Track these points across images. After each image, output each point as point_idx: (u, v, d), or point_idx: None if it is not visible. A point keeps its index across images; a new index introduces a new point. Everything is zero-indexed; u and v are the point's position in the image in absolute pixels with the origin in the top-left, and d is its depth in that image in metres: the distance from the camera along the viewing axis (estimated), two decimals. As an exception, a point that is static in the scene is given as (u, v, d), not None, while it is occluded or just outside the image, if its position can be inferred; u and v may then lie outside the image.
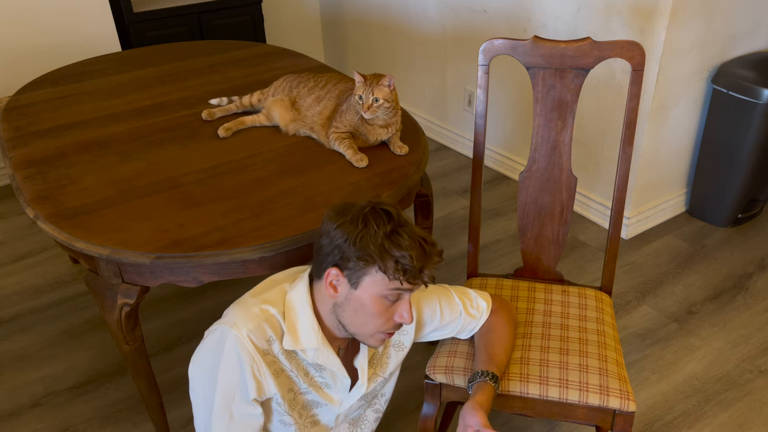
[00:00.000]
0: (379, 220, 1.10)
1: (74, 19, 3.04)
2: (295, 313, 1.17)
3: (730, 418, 1.85)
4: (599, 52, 1.45)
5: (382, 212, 1.12)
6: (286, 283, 1.22)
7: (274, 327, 1.16)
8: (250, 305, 1.17)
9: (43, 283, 2.46)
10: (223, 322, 1.15)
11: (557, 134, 1.53)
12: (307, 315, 1.17)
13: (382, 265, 1.09)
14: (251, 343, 1.12)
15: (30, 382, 2.03)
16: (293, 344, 1.16)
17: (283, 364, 1.18)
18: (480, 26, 2.95)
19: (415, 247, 1.09)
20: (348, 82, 1.84)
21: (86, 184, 1.61)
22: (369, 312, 1.13)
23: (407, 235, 1.10)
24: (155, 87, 2.18)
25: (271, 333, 1.15)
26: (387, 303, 1.13)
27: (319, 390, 1.25)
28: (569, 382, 1.33)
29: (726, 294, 2.32)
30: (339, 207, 1.15)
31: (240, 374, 1.14)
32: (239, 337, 1.12)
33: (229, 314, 1.17)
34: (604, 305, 1.56)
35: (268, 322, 1.15)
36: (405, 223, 1.12)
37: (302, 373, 1.21)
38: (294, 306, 1.18)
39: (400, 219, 1.12)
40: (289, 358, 1.18)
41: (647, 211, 2.66)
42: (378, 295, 1.12)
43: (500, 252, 2.56)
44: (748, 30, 2.48)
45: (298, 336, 1.17)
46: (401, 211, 1.15)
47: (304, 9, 4.07)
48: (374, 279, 1.11)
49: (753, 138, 2.43)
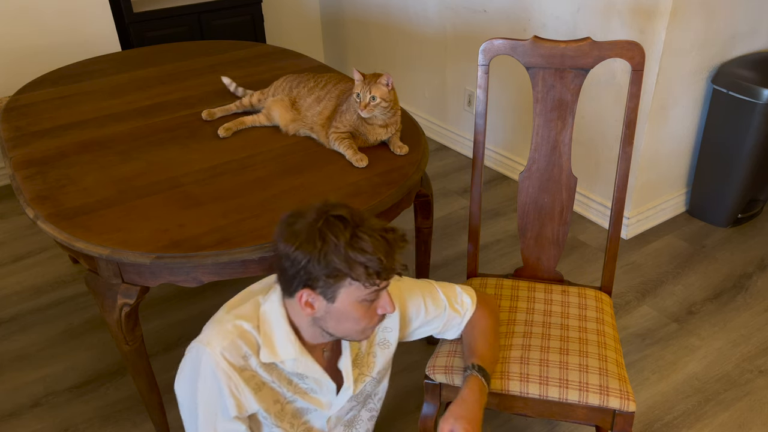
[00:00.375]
0: (335, 230, 1.06)
1: (74, 19, 3.04)
2: (270, 325, 1.16)
3: (730, 418, 1.85)
4: (599, 52, 1.45)
5: (335, 220, 1.07)
6: (260, 296, 1.20)
7: (248, 342, 1.15)
8: (224, 322, 1.16)
9: (43, 283, 2.46)
10: (198, 341, 1.15)
11: (557, 134, 1.53)
12: (282, 327, 1.16)
13: (353, 275, 1.06)
14: (226, 361, 1.12)
15: (30, 382, 2.03)
16: (271, 357, 1.16)
17: (263, 377, 1.18)
18: (480, 26, 2.95)
19: (379, 246, 1.06)
20: (348, 82, 1.84)
21: (86, 184, 1.61)
22: (353, 318, 1.12)
23: (367, 235, 1.06)
24: (155, 87, 2.18)
25: (246, 348, 1.14)
26: (367, 304, 1.12)
27: (305, 396, 1.24)
28: (569, 382, 1.33)
29: (726, 294, 2.32)
30: (289, 224, 1.10)
31: (218, 393, 1.14)
32: (213, 355, 1.12)
33: (204, 332, 1.17)
34: (604, 305, 1.56)
35: (242, 337, 1.14)
36: (360, 220, 1.09)
37: (285, 383, 1.21)
38: (268, 319, 1.17)
39: (355, 218, 1.08)
40: (269, 370, 1.18)
41: (647, 211, 2.66)
42: (357, 301, 1.10)
43: (500, 252, 2.56)
44: (748, 30, 2.48)
45: (275, 348, 1.16)
46: (352, 209, 1.11)
47: (304, 9, 4.07)
48: (349, 289, 1.09)
49: (753, 138, 2.43)
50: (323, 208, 1.09)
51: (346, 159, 1.69)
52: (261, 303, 1.19)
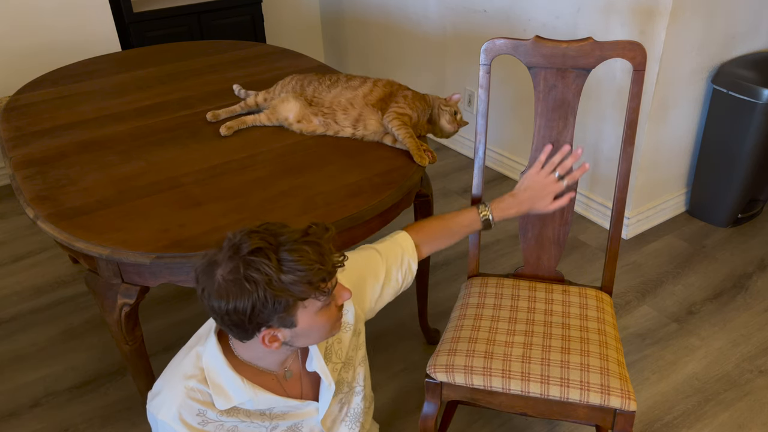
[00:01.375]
0: (260, 266, 0.98)
1: (74, 19, 3.04)
2: (216, 373, 1.13)
3: (730, 418, 1.85)
4: (601, 52, 1.45)
5: (253, 257, 0.99)
6: (199, 346, 1.17)
7: (199, 399, 1.12)
8: (172, 385, 1.13)
9: (43, 283, 2.46)
10: (151, 409, 1.13)
11: (558, 134, 1.53)
12: (226, 372, 1.12)
13: (301, 297, 1.01)
14: (183, 425, 1.10)
15: (30, 382, 2.02)
16: (227, 403, 1.13)
17: (230, 422, 1.15)
18: (480, 26, 2.95)
19: (308, 254, 1.00)
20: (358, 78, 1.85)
21: (86, 184, 1.60)
22: (320, 326, 1.09)
23: (292, 251, 1.00)
24: (155, 87, 2.18)
25: (199, 406, 1.12)
26: (327, 307, 1.08)
27: (284, 417, 1.22)
28: (570, 381, 1.33)
29: (726, 294, 2.32)
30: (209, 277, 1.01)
31: None
32: (167, 423, 1.10)
33: (154, 397, 1.14)
34: (605, 305, 1.56)
35: (191, 396, 1.11)
36: (276, 239, 1.01)
37: (257, 417, 1.18)
38: (212, 367, 1.13)
39: (270, 241, 1.00)
40: (234, 413, 1.15)
41: (647, 211, 2.66)
42: (317, 312, 1.06)
43: (500, 252, 2.56)
44: (748, 30, 2.49)
45: (228, 395, 1.13)
46: (261, 231, 1.03)
47: (304, 9, 4.07)
48: (305, 309, 1.04)
49: (753, 138, 2.43)
50: (234, 250, 1.01)
51: (390, 146, 1.71)
52: (201, 354, 1.15)
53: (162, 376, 1.17)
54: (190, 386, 1.11)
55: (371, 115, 1.74)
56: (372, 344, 2.12)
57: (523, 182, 1.49)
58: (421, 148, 1.66)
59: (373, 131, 1.75)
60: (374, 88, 1.78)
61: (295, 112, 1.82)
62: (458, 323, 1.50)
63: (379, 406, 1.92)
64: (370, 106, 1.75)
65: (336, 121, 1.77)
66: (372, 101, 1.75)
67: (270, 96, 1.92)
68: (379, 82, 1.80)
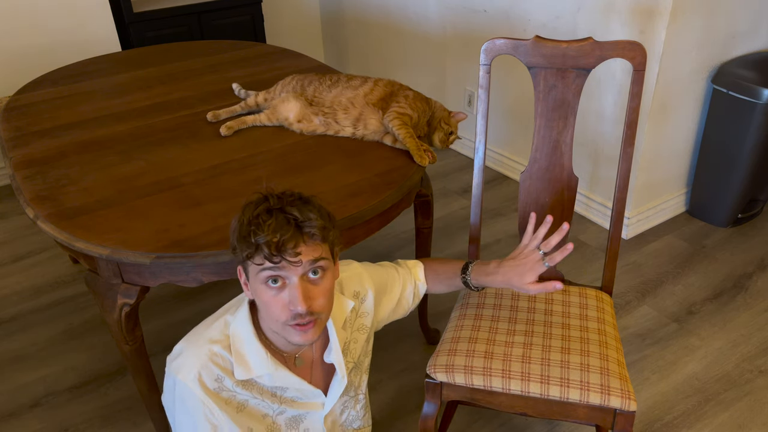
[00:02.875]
0: (249, 207, 1.08)
1: (74, 19, 3.04)
2: (241, 342, 1.15)
3: (730, 418, 1.85)
4: (601, 52, 1.45)
5: (259, 199, 1.09)
6: (228, 314, 1.20)
7: (220, 365, 1.14)
8: (196, 346, 1.15)
9: (43, 283, 2.46)
10: (171, 368, 1.15)
11: (558, 134, 1.53)
12: (253, 342, 1.15)
13: (243, 251, 1.05)
14: (200, 386, 1.12)
15: (30, 382, 2.02)
16: (246, 374, 1.15)
17: (242, 395, 1.17)
18: (480, 26, 2.95)
19: (273, 226, 1.03)
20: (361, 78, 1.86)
21: (86, 184, 1.60)
22: (263, 302, 1.10)
23: (270, 216, 1.05)
24: (155, 87, 2.18)
25: (218, 371, 1.13)
26: (273, 291, 1.07)
27: (293, 404, 1.24)
28: (570, 381, 1.33)
29: (726, 294, 2.32)
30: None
31: (193, 422, 1.14)
32: (185, 384, 1.12)
33: (177, 357, 1.16)
34: (605, 305, 1.56)
35: (213, 360, 1.13)
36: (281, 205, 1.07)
37: (269, 396, 1.20)
38: (238, 335, 1.16)
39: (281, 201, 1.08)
40: (248, 387, 1.17)
41: (647, 211, 2.66)
42: (260, 283, 1.08)
43: (500, 252, 2.56)
44: (748, 30, 2.49)
45: (249, 365, 1.15)
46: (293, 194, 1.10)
47: (304, 9, 4.07)
48: (252, 267, 1.08)
49: (753, 138, 2.43)
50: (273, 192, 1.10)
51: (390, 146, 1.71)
52: (230, 322, 1.18)
53: (185, 338, 1.19)
54: (214, 351, 1.14)
55: (372, 114, 1.74)
56: (372, 344, 2.12)
57: (513, 252, 1.37)
58: (421, 148, 1.66)
59: (374, 131, 1.75)
60: (375, 87, 1.78)
61: (295, 111, 1.82)
62: (458, 323, 1.50)
63: (379, 406, 1.92)
64: (370, 105, 1.75)
65: (336, 120, 1.77)
66: (373, 101, 1.75)
67: (270, 96, 1.92)
68: (380, 81, 1.80)
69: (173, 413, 1.18)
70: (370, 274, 1.37)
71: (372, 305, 1.35)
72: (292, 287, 1.07)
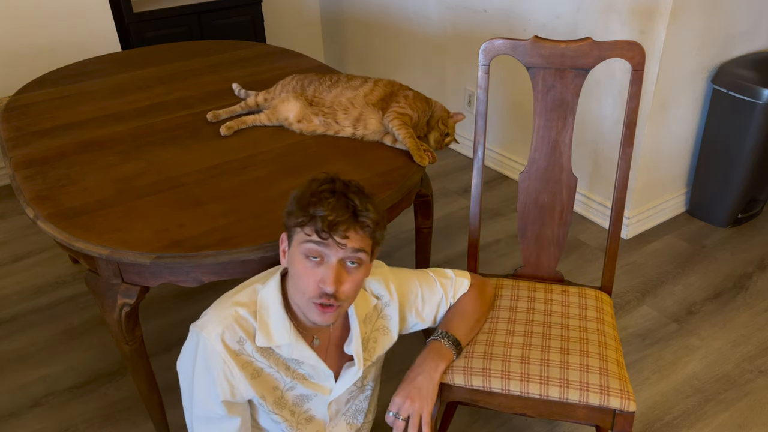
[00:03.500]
0: (315, 182, 1.14)
1: (74, 19, 3.04)
2: (267, 310, 1.19)
3: (730, 418, 1.85)
4: (599, 52, 1.45)
5: (327, 178, 1.15)
6: (258, 283, 1.23)
7: (244, 327, 1.17)
8: (222, 307, 1.19)
9: (43, 283, 2.46)
10: (195, 326, 1.18)
11: (557, 134, 1.53)
12: (278, 312, 1.18)
13: (297, 218, 1.11)
14: (222, 344, 1.14)
15: (30, 382, 2.03)
16: (266, 341, 1.17)
17: (260, 362, 1.19)
18: (480, 26, 2.95)
19: (333, 205, 1.09)
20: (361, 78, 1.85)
21: (86, 184, 1.60)
22: (296, 273, 1.13)
23: (333, 195, 1.11)
24: (155, 87, 2.18)
25: (242, 333, 1.17)
26: (309, 264, 1.12)
27: (304, 381, 1.26)
28: (570, 382, 1.33)
29: (726, 294, 2.32)
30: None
31: (213, 378, 1.16)
32: (209, 340, 1.14)
33: (203, 317, 1.20)
34: (605, 305, 1.56)
35: (238, 322, 1.17)
36: (345, 189, 1.13)
37: (283, 368, 1.22)
38: (266, 303, 1.19)
39: (347, 187, 1.13)
40: (266, 355, 1.20)
41: (647, 211, 2.66)
42: (301, 253, 1.12)
43: (500, 252, 2.56)
44: (748, 30, 2.49)
45: (270, 333, 1.18)
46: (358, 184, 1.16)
47: (304, 9, 4.07)
48: (298, 236, 1.13)
49: (753, 138, 2.43)
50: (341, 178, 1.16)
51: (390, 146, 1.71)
52: (258, 290, 1.22)
53: (213, 304, 1.23)
54: (240, 313, 1.18)
55: (372, 114, 1.74)
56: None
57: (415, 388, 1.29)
58: (421, 148, 1.66)
59: (374, 131, 1.75)
60: (375, 87, 1.78)
61: (295, 111, 1.82)
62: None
63: (379, 406, 1.92)
64: (370, 105, 1.75)
65: (336, 120, 1.77)
66: (373, 101, 1.75)
67: (270, 96, 1.92)
68: (380, 82, 1.80)
69: (192, 373, 1.19)
70: (400, 281, 1.37)
71: (396, 312, 1.35)
72: (328, 266, 1.11)
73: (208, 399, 1.19)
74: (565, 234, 1.61)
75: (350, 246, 1.10)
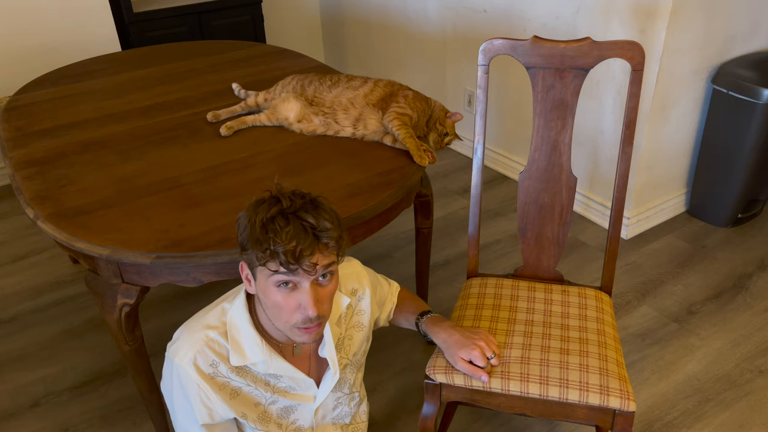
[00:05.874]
0: (262, 208, 1.06)
1: (74, 19, 3.05)
2: (237, 329, 1.17)
3: (730, 418, 1.85)
4: (599, 52, 1.45)
5: (272, 199, 1.07)
6: (226, 302, 1.22)
7: (215, 350, 1.16)
8: (193, 331, 1.18)
9: (43, 283, 2.46)
10: (169, 351, 1.18)
11: (557, 134, 1.53)
12: (248, 330, 1.17)
13: (256, 256, 1.05)
14: (196, 370, 1.14)
15: (30, 382, 2.03)
16: (241, 360, 1.17)
17: (236, 382, 1.19)
18: (480, 26, 2.95)
19: (290, 234, 1.02)
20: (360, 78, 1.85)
21: (86, 184, 1.61)
22: (272, 303, 1.09)
23: (286, 221, 1.03)
24: (155, 87, 2.18)
25: (214, 357, 1.16)
26: (283, 292, 1.07)
27: (285, 394, 1.25)
28: (569, 382, 1.33)
29: (726, 294, 2.32)
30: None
31: (190, 404, 1.17)
32: (181, 366, 1.14)
33: (175, 341, 1.19)
34: (604, 305, 1.56)
35: (209, 346, 1.16)
36: (294, 209, 1.06)
37: (262, 384, 1.22)
38: (235, 323, 1.18)
39: (295, 204, 1.06)
40: (243, 374, 1.19)
41: (647, 211, 2.66)
42: (271, 284, 1.07)
43: (500, 252, 2.56)
44: (748, 30, 2.49)
45: (244, 352, 1.17)
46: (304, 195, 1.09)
47: (304, 9, 4.07)
48: (263, 272, 1.07)
49: (753, 138, 2.43)
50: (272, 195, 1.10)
51: (390, 146, 1.71)
52: (227, 309, 1.20)
53: (184, 325, 1.22)
54: (210, 336, 1.17)
55: (372, 114, 1.75)
56: (372, 344, 2.11)
57: (474, 329, 1.39)
58: (421, 148, 1.66)
59: (374, 131, 1.75)
60: (375, 88, 1.78)
61: (295, 111, 1.82)
62: (457, 324, 1.50)
63: (379, 406, 1.92)
64: (370, 105, 1.75)
65: (336, 120, 1.78)
66: (373, 101, 1.75)
67: (270, 96, 1.93)
68: (380, 82, 1.81)
69: (171, 397, 1.21)
70: (369, 276, 1.39)
71: (369, 304, 1.36)
72: (302, 292, 1.08)
73: (187, 422, 1.20)
74: (565, 234, 1.61)
75: (319, 267, 1.06)
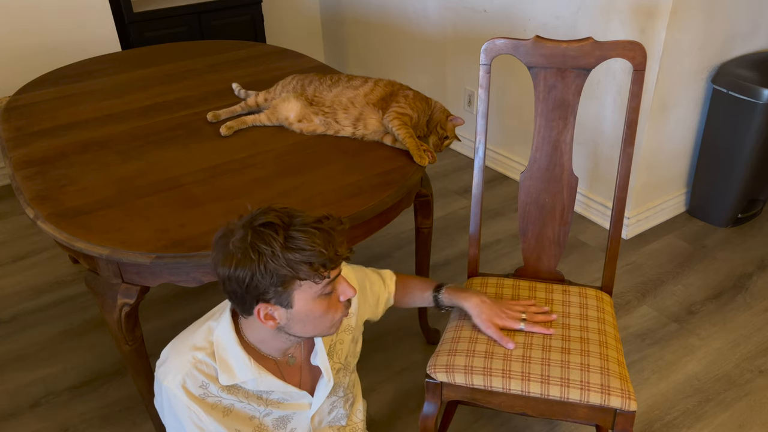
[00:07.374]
0: (266, 238, 1.03)
1: (74, 19, 3.04)
2: (225, 349, 1.17)
3: (730, 418, 1.85)
4: (601, 52, 1.45)
5: (263, 228, 1.04)
6: (212, 320, 1.21)
7: (204, 372, 1.15)
8: (180, 352, 1.17)
9: (43, 283, 2.46)
10: (158, 375, 1.17)
11: (558, 134, 1.53)
12: (235, 350, 1.16)
13: (299, 276, 1.04)
14: (185, 392, 1.13)
15: (30, 382, 2.02)
16: (230, 379, 1.16)
17: (228, 400, 1.18)
18: (480, 26, 2.95)
19: (315, 239, 1.04)
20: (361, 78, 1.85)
21: (86, 184, 1.60)
22: (317, 315, 1.11)
23: (300, 232, 1.04)
24: (155, 87, 2.18)
25: (203, 378, 1.15)
26: (326, 298, 1.11)
27: (279, 405, 1.25)
28: (570, 381, 1.33)
29: (726, 294, 2.32)
30: (222, 246, 1.07)
31: (182, 425, 1.16)
32: (170, 389, 1.13)
33: (163, 363, 1.18)
34: (605, 305, 1.56)
35: (197, 368, 1.15)
36: (290, 220, 1.06)
37: (254, 399, 1.21)
38: (222, 342, 1.17)
39: (284, 220, 1.06)
40: (234, 392, 1.18)
41: (647, 211, 2.66)
42: (314, 298, 1.09)
43: (500, 252, 2.56)
44: (748, 30, 2.49)
45: (233, 371, 1.16)
46: (280, 211, 1.08)
47: (304, 9, 4.07)
48: (302, 290, 1.07)
49: (753, 138, 2.43)
50: (249, 221, 1.07)
51: (390, 146, 1.71)
52: (214, 328, 1.19)
53: (170, 344, 1.21)
54: (198, 358, 1.15)
55: (372, 114, 1.74)
56: (372, 344, 2.12)
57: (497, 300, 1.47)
58: (421, 148, 1.66)
59: (374, 131, 1.75)
60: (375, 87, 1.78)
61: (296, 111, 1.82)
62: (458, 323, 1.50)
63: (379, 406, 1.92)
64: (370, 105, 1.75)
65: (336, 120, 1.77)
66: (373, 101, 1.75)
67: (270, 96, 1.92)
68: (381, 81, 1.81)
69: (164, 417, 1.21)
70: (355, 275, 1.38)
71: (356, 306, 1.36)
72: (337, 283, 1.13)
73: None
74: (566, 234, 1.61)
75: (342, 254, 1.09)
